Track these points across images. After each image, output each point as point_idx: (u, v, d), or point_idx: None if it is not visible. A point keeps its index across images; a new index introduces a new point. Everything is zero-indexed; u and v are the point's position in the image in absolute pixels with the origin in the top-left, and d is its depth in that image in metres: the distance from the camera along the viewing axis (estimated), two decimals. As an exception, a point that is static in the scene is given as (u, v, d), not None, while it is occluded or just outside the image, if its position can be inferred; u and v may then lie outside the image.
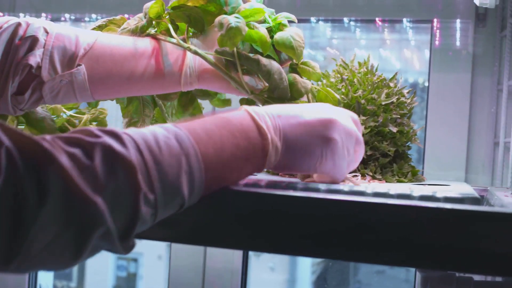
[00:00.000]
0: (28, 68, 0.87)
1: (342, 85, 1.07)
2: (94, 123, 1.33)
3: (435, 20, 1.67)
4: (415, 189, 0.75)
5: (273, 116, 0.71)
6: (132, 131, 0.58)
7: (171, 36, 0.96)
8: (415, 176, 1.08)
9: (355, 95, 1.05)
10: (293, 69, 0.99)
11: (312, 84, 0.99)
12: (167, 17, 0.98)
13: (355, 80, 1.08)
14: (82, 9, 1.99)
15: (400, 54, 1.90)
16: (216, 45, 0.92)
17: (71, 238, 0.52)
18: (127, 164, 0.55)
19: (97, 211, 0.52)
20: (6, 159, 0.47)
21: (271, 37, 0.95)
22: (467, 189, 0.89)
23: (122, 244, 0.56)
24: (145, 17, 0.98)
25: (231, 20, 0.89)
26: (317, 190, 0.74)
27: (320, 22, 1.81)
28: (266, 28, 0.95)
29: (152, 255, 3.28)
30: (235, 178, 0.68)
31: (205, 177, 0.62)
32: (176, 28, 0.98)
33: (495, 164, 1.64)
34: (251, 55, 0.92)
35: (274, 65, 0.91)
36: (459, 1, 1.63)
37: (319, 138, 0.74)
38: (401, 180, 1.05)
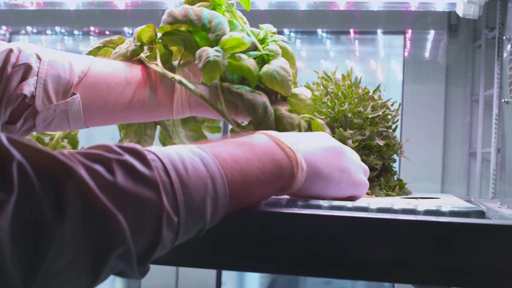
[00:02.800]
0: (22, 97, 0.84)
1: (328, 99, 1.04)
2: (65, 140, 1.28)
3: (408, 31, 1.67)
4: (418, 204, 0.72)
5: (293, 140, 0.69)
6: (157, 150, 0.55)
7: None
8: (402, 190, 1.06)
9: (342, 108, 1.02)
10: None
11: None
12: (160, 41, 0.94)
13: (339, 93, 1.05)
14: (43, 21, 1.93)
15: (372, 66, 1.89)
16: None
17: (89, 258, 0.47)
18: (151, 183, 0.51)
19: (119, 227, 0.48)
20: (18, 174, 0.43)
21: (264, 63, 0.91)
22: (459, 202, 0.88)
23: (139, 268, 0.52)
24: (133, 42, 0.94)
25: (210, 53, 0.85)
26: (319, 207, 0.71)
27: (292, 34, 1.79)
28: (258, 56, 0.91)
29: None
30: (257, 200, 0.66)
31: (228, 202, 0.59)
32: (170, 54, 0.95)
33: (471, 175, 1.63)
34: (236, 86, 0.88)
35: (258, 99, 0.87)
36: (432, 12, 1.63)
37: (336, 166, 0.73)
38: (389, 193, 1.03)
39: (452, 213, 0.68)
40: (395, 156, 1.10)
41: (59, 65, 0.87)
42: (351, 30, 1.70)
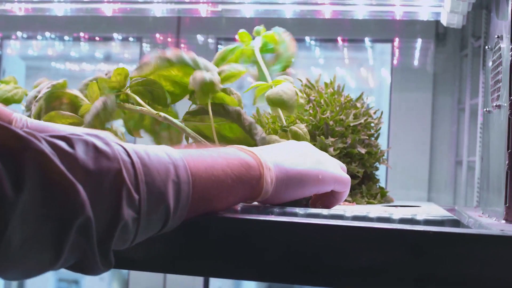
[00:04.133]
0: None
1: (310, 106, 1.05)
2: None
3: (395, 39, 1.67)
4: (394, 212, 0.72)
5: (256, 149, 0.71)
6: (119, 141, 0.56)
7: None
8: (384, 197, 1.07)
9: (323, 116, 1.02)
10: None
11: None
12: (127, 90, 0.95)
13: (322, 101, 1.05)
14: (33, 27, 1.94)
15: (359, 74, 1.89)
16: None
17: (50, 230, 0.47)
18: (111, 158, 0.52)
19: (78, 198, 0.48)
20: None
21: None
22: (437, 211, 0.88)
23: (101, 250, 0.51)
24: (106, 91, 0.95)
25: (206, 75, 0.87)
26: (295, 214, 0.71)
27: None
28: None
29: (93, 277, 3.17)
30: (228, 200, 0.66)
31: (193, 192, 0.59)
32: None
33: (458, 183, 1.64)
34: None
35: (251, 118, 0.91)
36: (419, 21, 1.63)
37: (309, 161, 0.73)
38: (370, 201, 1.03)
39: (427, 222, 0.69)
40: (380, 164, 1.11)
41: None
42: (339, 38, 1.71)
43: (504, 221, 0.80)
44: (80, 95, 0.97)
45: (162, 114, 0.90)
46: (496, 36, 0.88)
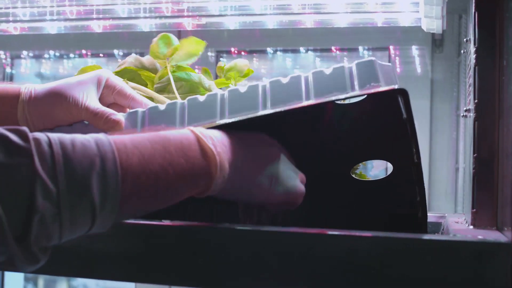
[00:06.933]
0: None
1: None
2: None
3: (391, 47, 1.66)
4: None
5: (217, 139, 0.67)
6: (52, 133, 0.55)
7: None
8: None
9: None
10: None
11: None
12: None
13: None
14: (41, 45, 1.97)
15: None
16: None
17: None
18: (22, 151, 0.51)
19: None
20: None
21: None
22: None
23: (21, 245, 0.51)
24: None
25: None
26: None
27: (278, 52, 1.80)
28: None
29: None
30: (167, 197, 0.63)
31: (122, 185, 0.57)
32: None
33: (458, 190, 1.62)
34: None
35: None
36: (415, 28, 1.62)
37: (266, 171, 0.72)
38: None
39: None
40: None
41: None
42: (333, 48, 1.70)
43: (471, 227, 0.78)
44: None
45: (130, 83, 0.91)
46: (465, 40, 0.88)
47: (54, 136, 0.55)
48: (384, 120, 0.77)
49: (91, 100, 0.80)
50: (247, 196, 0.72)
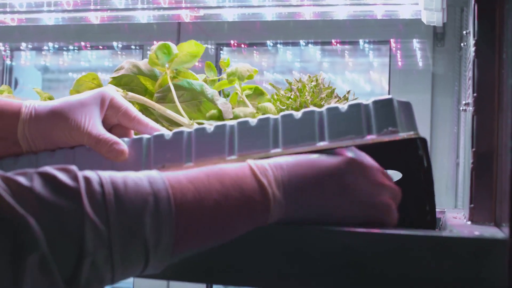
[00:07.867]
0: None
1: (292, 94, 1.04)
2: None
3: (392, 40, 1.65)
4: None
5: (275, 167, 0.63)
6: (103, 171, 0.54)
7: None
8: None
9: (303, 100, 1.01)
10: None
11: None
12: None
13: (305, 91, 1.05)
14: (41, 37, 1.97)
15: (356, 76, 1.87)
16: None
17: (6, 265, 0.46)
18: (71, 192, 0.50)
19: (29, 230, 0.46)
20: None
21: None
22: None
23: (70, 287, 0.49)
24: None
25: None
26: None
27: (279, 45, 1.79)
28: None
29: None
30: (224, 232, 0.60)
31: (177, 223, 0.55)
32: None
33: (459, 185, 1.60)
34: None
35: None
36: (416, 21, 1.60)
37: (333, 192, 0.64)
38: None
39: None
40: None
41: None
42: (333, 41, 1.69)
43: (469, 222, 0.77)
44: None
45: (128, 92, 0.90)
46: (465, 33, 0.86)
47: (106, 174, 0.53)
48: (400, 164, 0.75)
49: (93, 124, 0.76)
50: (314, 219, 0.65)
